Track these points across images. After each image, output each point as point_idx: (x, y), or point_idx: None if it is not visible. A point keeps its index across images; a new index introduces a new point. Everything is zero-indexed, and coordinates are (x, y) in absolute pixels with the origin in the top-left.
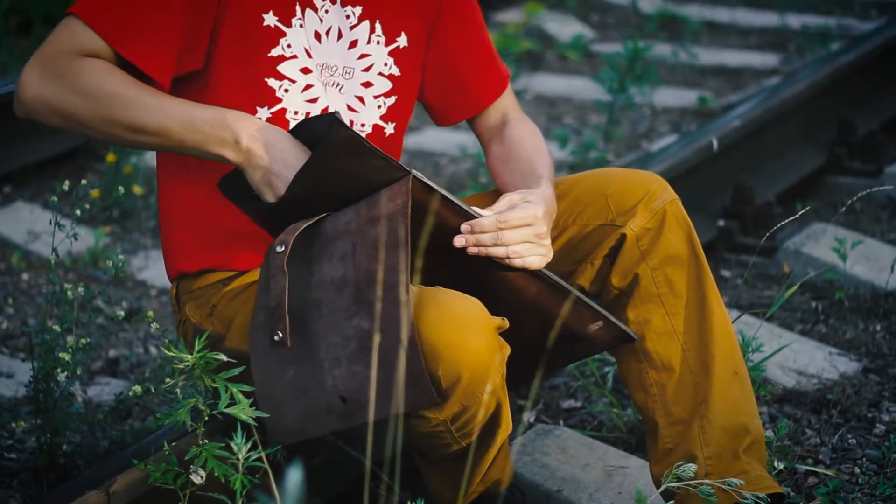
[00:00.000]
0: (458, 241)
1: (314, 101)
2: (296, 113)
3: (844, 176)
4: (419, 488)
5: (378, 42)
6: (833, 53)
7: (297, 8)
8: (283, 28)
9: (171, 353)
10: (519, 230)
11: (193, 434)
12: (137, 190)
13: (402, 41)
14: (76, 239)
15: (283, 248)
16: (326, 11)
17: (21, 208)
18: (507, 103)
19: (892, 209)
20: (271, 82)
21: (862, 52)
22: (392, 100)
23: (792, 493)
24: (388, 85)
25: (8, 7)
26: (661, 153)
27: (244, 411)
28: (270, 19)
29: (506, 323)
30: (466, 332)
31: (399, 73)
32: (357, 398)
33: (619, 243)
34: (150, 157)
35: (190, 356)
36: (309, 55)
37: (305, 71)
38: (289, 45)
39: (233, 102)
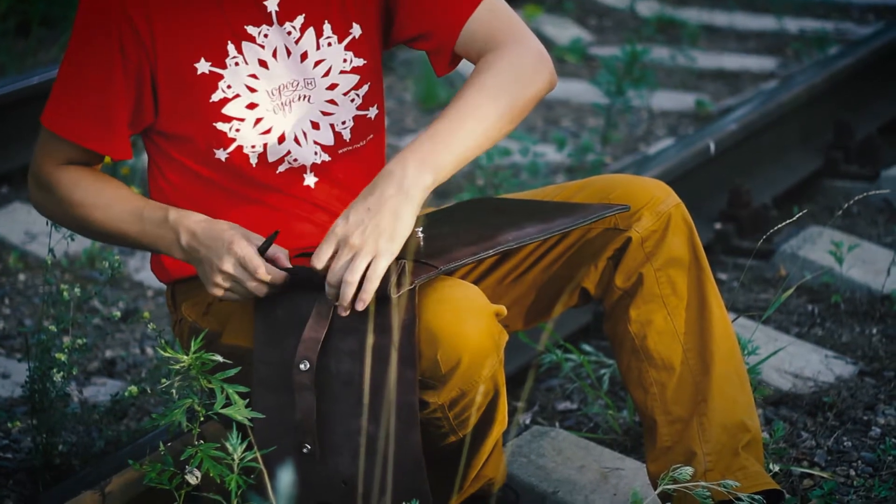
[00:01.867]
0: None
1: (268, 132)
2: (253, 147)
3: (841, 179)
4: None
5: (330, 43)
6: (830, 57)
7: (230, 47)
8: (219, 71)
9: (166, 354)
10: None
11: (189, 434)
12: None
13: (356, 31)
14: (73, 240)
15: (307, 367)
16: (266, 36)
17: (18, 209)
18: (489, 22)
19: (889, 213)
20: (220, 126)
21: (859, 57)
22: (364, 88)
23: (787, 496)
24: (354, 78)
25: (6, 8)
26: (658, 156)
27: (239, 412)
28: (203, 66)
29: (504, 310)
30: (465, 317)
31: (364, 62)
32: (358, 486)
33: (624, 245)
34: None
35: (186, 357)
36: (252, 90)
37: (251, 106)
38: (228, 87)
39: (195, 144)
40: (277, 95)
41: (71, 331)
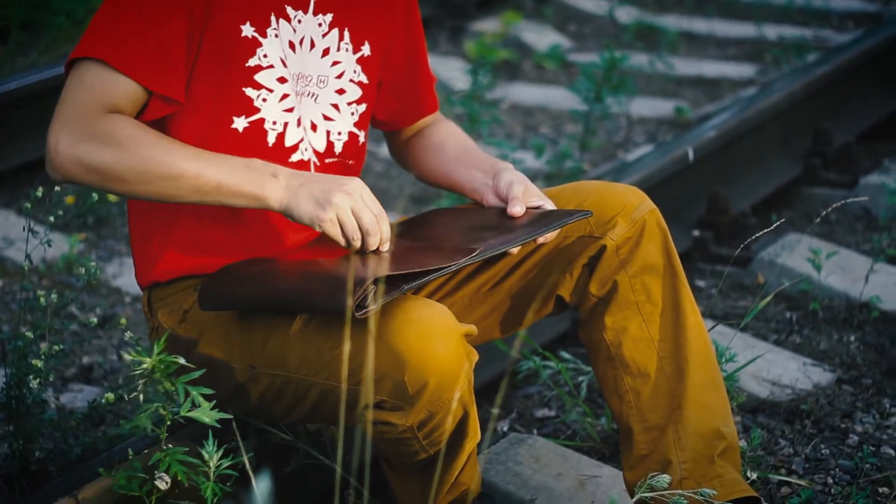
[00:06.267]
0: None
1: (290, 110)
2: (274, 123)
3: (820, 187)
4: (391, 496)
5: (346, 49)
6: (809, 65)
7: (273, 18)
8: (260, 38)
9: (130, 357)
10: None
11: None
12: (112, 197)
13: (366, 50)
14: (50, 245)
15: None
16: (299, 21)
17: None
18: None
19: (867, 220)
20: (249, 92)
21: (838, 64)
22: (363, 107)
23: (765, 503)
24: (358, 92)
25: None
26: (636, 163)
27: (207, 414)
28: (248, 30)
29: (474, 329)
30: (433, 338)
31: (367, 81)
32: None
33: (599, 253)
34: None
35: (149, 359)
36: (284, 65)
37: (282, 80)
38: (265, 56)
39: (210, 111)
40: (295, 82)
41: (48, 337)
